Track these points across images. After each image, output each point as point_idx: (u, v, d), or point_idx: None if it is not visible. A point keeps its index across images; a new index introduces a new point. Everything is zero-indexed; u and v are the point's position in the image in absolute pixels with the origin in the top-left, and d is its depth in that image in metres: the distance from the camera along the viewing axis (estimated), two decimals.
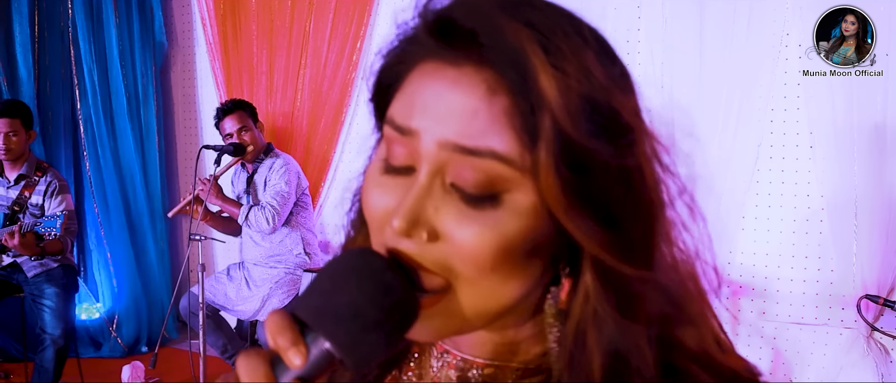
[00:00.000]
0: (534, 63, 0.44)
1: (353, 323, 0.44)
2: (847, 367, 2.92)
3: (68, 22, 4.35)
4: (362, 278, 0.46)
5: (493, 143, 0.45)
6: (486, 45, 0.45)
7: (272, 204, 3.20)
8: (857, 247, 2.84)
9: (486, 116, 0.45)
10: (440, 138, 0.46)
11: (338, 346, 0.44)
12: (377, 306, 0.45)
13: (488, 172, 0.46)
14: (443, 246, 0.47)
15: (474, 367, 0.56)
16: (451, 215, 0.47)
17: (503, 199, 0.46)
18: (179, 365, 4.14)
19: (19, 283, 3.33)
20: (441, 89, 0.47)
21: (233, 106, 3.34)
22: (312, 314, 0.45)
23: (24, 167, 3.30)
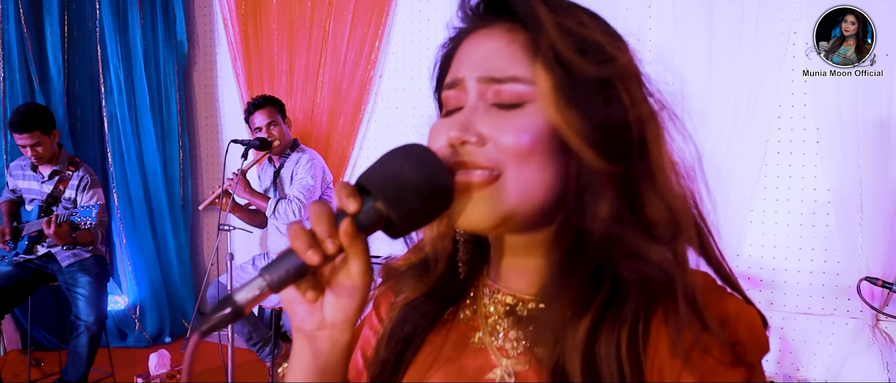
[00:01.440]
0: (542, 14, 0.62)
1: (397, 184, 0.58)
2: (853, 356, 2.98)
3: (96, 22, 4.48)
4: (407, 154, 0.60)
5: (516, 71, 0.63)
6: (511, 7, 0.64)
7: (299, 197, 3.31)
8: (862, 239, 2.89)
9: (507, 52, 0.63)
10: (478, 75, 0.64)
11: (384, 200, 0.58)
12: (417, 173, 0.59)
13: (514, 91, 0.63)
14: (490, 145, 0.62)
15: (521, 302, 0.68)
16: (493, 122, 0.62)
17: (527, 107, 0.62)
18: (203, 355, 4.25)
19: (53, 273, 3.45)
20: (477, 42, 0.66)
21: (263, 101, 3.44)
22: (367, 178, 0.59)
23: (57, 164, 3.42)
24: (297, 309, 0.62)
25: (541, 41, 0.61)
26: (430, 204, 0.59)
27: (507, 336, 0.68)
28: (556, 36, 0.61)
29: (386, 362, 0.72)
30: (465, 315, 0.73)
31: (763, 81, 3.06)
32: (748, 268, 3.23)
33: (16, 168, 3.53)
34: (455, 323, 0.73)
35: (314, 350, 0.63)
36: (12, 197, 3.53)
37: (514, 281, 0.69)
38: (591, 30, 0.63)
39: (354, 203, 0.57)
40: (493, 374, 0.68)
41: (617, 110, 0.61)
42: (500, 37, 0.64)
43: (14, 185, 3.51)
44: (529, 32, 0.62)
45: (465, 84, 0.64)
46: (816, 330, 3.11)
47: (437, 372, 0.70)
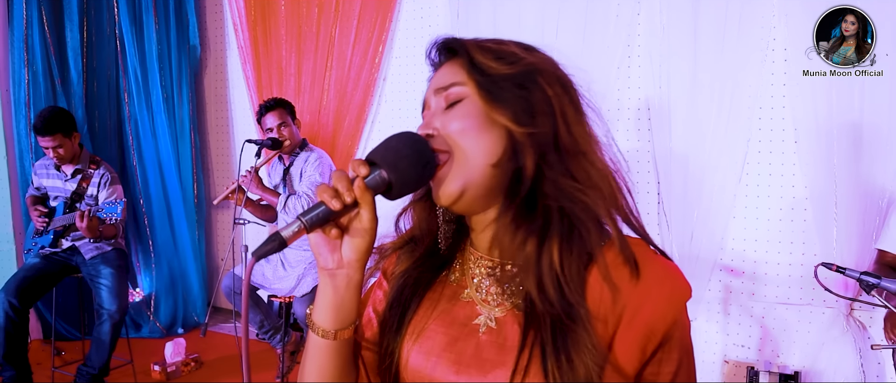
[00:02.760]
0: (469, 45, 0.89)
1: (394, 155, 0.82)
2: (829, 342, 3.13)
3: (114, 28, 4.66)
4: (402, 137, 0.84)
5: (454, 80, 0.88)
6: (452, 49, 0.91)
7: (307, 193, 3.47)
8: (837, 233, 3.02)
9: (448, 71, 0.90)
10: (433, 90, 0.91)
11: (387, 167, 0.82)
12: (410, 148, 0.83)
13: (457, 92, 0.88)
14: (442, 132, 0.86)
15: (498, 266, 0.91)
16: (443, 117, 0.87)
17: (463, 102, 0.87)
18: (215, 345, 4.45)
19: (77, 265, 3.63)
20: (434, 77, 0.93)
21: (274, 103, 3.58)
22: (373, 153, 0.83)
23: (79, 163, 3.60)
24: (322, 250, 0.84)
25: (466, 54, 0.88)
26: (419, 171, 0.84)
27: (489, 291, 0.90)
28: (478, 52, 0.87)
29: (394, 309, 0.95)
30: (455, 277, 0.95)
31: (744, 83, 3.17)
32: (731, 261, 3.35)
33: (40, 167, 3.71)
34: (448, 284, 0.95)
35: (334, 285, 0.85)
36: (37, 194, 3.72)
37: (491, 249, 0.92)
38: (507, 44, 0.89)
39: (365, 168, 0.81)
40: (479, 320, 0.89)
41: (534, 93, 0.84)
42: (448, 67, 0.91)
43: (39, 183, 3.70)
44: (462, 56, 0.89)
45: (429, 101, 0.91)
46: (795, 319, 3.23)
47: (434, 320, 0.92)
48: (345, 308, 0.86)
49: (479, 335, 0.87)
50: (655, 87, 3.39)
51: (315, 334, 0.87)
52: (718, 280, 3.41)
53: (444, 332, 0.90)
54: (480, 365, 0.84)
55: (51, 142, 3.42)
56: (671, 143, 3.36)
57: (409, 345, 0.90)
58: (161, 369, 3.91)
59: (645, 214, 3.36)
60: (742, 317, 3.38)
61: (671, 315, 0.80)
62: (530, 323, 0.81)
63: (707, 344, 3.47)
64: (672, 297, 0.81)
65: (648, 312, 0.79)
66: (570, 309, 0.79)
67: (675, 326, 0.81)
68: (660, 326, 0.80)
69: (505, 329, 0.86)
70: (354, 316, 0.88)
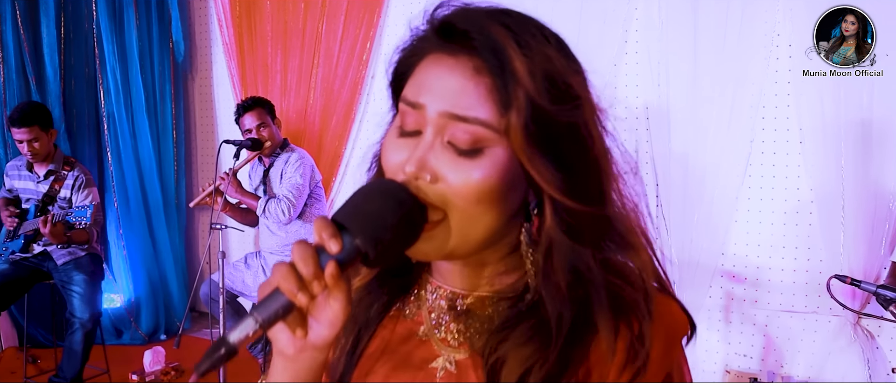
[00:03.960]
0: (509, 52, 0.62)
1: (375, 225, 0.62)
2: (835, 353, 3.02)
3: (92, 23, 4.52)
4: (385, 194, 0.63)
5: (479, 113, 0.63)
6: (475, 39, 0.63)
7: (288, 196, 3.35)
8: (844, 238, 2.92)
9: (474, 93, 0.63)
10: (440, 110, 0.64)
11: (363, 240, 0.62)
12: (393, 213, 0.62)
13: (475, 133, 0.63)
14: (441, 185, 0.64)
15: (460, 297, 0.74)
16: (448, 164, 0.64)
17: (485, 152, 0.64)
18: (197, 352, 4.29)
19: (49, 271, 3.50)
20: (441, 73, 0.65)
21: (252, 103, 3.48)
22: (347, 217, 0.63)
23: (52, 164, 3.46)
24: (281, 336, 0.65)
25: (514, 91, 0.61)
26: (405, 240, 0.64)
27: (449, 328, 0.74)
28: (530, 84, 0.61)
29: (343, 345, 0.78)
30: (410, 310, 0.78)
31: (747, 82, 3.09)
32: (733, 267, 3.27)
33: (12, 168, 3.57)
34: (401, 319, 0.78)
35: (295, 370, 0.67)
36: (8, 196, 3.58)
37: (452, 278, 0.75)
38: (558, 66, 0.64)
39: (336, 244, 0.61)
40: (436, 363, 0.73)
41: (581, 150, 0.64)
42: (467, 75, 0.63)
43: (10, 185, 3.56)
44: (497, 77, 0.62)
45: (425, 111, 0.65)
46: (799, 328, 3.14)
47: (385, 363, 0.76)
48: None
49: (436, 380, 0.73)
50: (654, 85, 3.30)
51: None
52: (720, 286, 3.32)
53: (396, 377, 0.74)
54: None
55: (27, 134, 3.29)
56: (670, 144, 3.27)
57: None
58: (139, 378, 3.80)
59: None
60: (744, 326, 3.28)
61: (668, 356, 0.68)
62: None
63: (707, 353, 3.36)
64: (668, 334, 0.68)
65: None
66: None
67: (671, 367, 0.68)
68: (655, 369, 0.66)
69: (466, 375, 0.71)
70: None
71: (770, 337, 3.22)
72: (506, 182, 0.64)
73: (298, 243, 0.61)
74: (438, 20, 0.67)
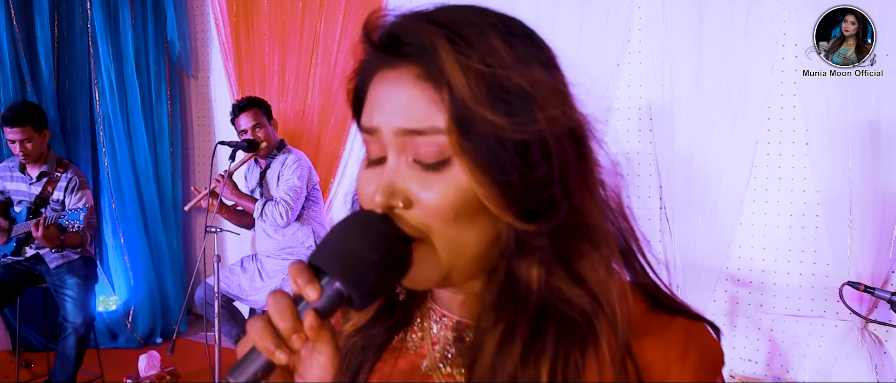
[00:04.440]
0: (440, 52, 0.55)
1: (356, 264, 0.55)
2: (842, 358, 2.98)
3: (87, 22, 4.46)
4: (362, 229, 0.57)
5: (433, 121, 0.57)
6: (408, 45, 0.57)
7: (285, 199, 3.29)
8: (851, 242, 2.88)
9: (422, 102, 0.57)
10: (394, 128, 0.58)
11: (345, 283, 0.55)
12: (375, 250, 0.56)
13: (438, 144, 0.57)
14: (416, 209, 0.59)
15: (467, 328, 0.67)
16: (417, 183, 0.58)
17: (453, 162, 0.57)
18: (193, 356, 4.25)
19: (42, 274, 3.44)
20: (387, 88, 0.59)
21: (248, 103, 3.42)
22: (324, 260, 0.56)
23: (45, 165, 3.40)
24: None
25: (450, 98, 0.55)
26: (391, 278, 0.58)
27: (455, 362, 0.67)
28: (463, 86, 0.55)
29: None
30: (412, 341, 0.71)
31: (753, 83, 3.05)
32: (738, 271, 3.23)
33: (4, 169, 3.51)
34: (403, 352, 0.71)
35: None
36: (0, 198, 3.52)
37: (459, 308, 0.68)
38: (505, 63, 0.56)
39: (314, 291, 0.54)
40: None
41: (538, 163, 0.57)
42: (411, 84, 0.58)
43: (2, 187, 3.50)
44: (434, 75, 0.56)
45: (381, 134, 0.60)
46: (806, 333, 3.11)
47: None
48: None
49: None
50: (657, 84, 3.27)
51: None
52: (724, 290, 3.27)
53: None
54: None
55: (20, 134, 3.24)
56: (674, 145, 3.23)
57: None
58: None
59: (646, 220, 3.21)
60: (749, 330, 3.24)
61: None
62: None
63: None
64: (700, 369, 0.60)
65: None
66: None
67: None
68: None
69: None
70: None
71: (776, 342, 3.18)
72: (473, 195, 0.58)
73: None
74: (375, 33, 0.61)
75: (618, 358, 0.57)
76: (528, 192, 0.57)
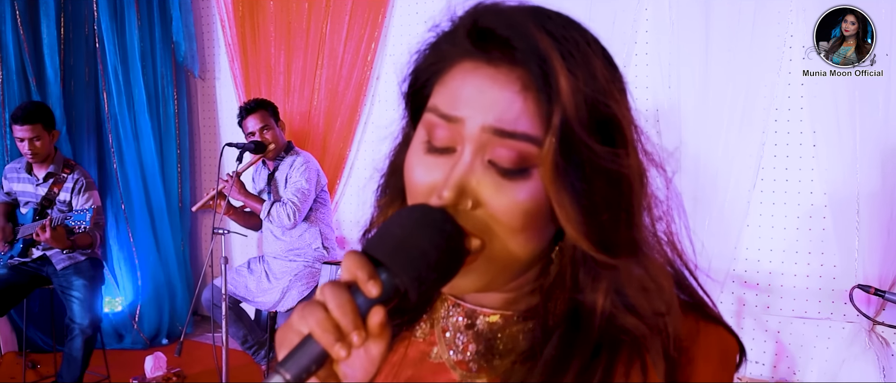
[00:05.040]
0: (555, 66, 0.54)
1: (418, 262, 0.54)
2: (849, 360, 2.97)
3: (93, 24, 4.47)
4: (427, 225, 0.55)
5: (526, 128, 0.56)
6: (519, 49, 0.56)
7: (293, 200, 3.30)
8: (858, 243, 2.88)
9: (520, 107, 0.56)
10: (483, 124, 0.56)
11: (405, 279, 0.54)
12: (438, 249, 0.54)
13: (521, 151, 0.56)
14: (482, 211, 0.57)
15: (481, 316, 0.67)
16: (490, 186, 0.57)
17: (532, 173, 0.57)
18: (199, 357, 4.26)
19: (48, 276, 3.45)
20: (482, 84, 0.57)
21: (255, 105, 3.43)
22: (387, 254, 0.54)
23: (51, 166, 3.42)
24: None
25: (555, 111, 0.55)
26: (447, 277, 0.57)
27: (466, 349, 0.67)
28: (572, 103, 0.54)
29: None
30: (422, 330, 0.71)
31: (759, 84, 3.05)
32: (744, 272, 3.22)
33: (10, 170, 3.52)
34: (412, 340, 0.71)
35: None
36: (7, 199, 3.53)
37: (473, 294, 0.67)
38: (603, 85, 0.56)
39: (376, 288, 0.52)
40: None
41: (614, 194, 0.57)
42: (515, 88, 0.56)
43: (8, 188, 3.51)
44: (541, 92, 0.55)
45: (464, 126, 0.57)
46: (813, 334, 3.11)
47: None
48: None
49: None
50: (664, 87, 3.27)
51: None
52: (731, 292, 3.27)
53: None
54: None
55: (29, 132, 3.26)
56: (681, 146, 3.20)
57: None
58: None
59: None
60: (756, 332, 3.24)
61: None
62: None
63: None
64: (723, 362, 0.63)
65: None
66: None
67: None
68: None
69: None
70: None
71: (783, 344, 3.18)
72: (547, 208, 0.58)
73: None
74: (472, 22, 0.59)
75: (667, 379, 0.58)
76: (605, 223, 0.57)
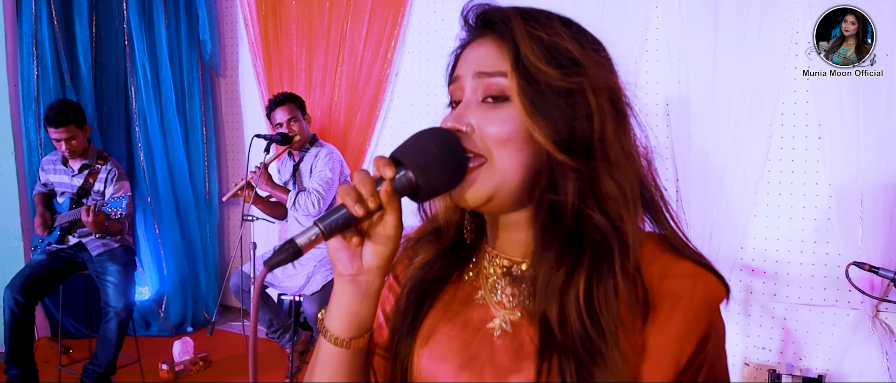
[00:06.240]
0: (513, 24, 0.76)
1: (426, 157, 0.73)
2: (853, 346, 3.04)
3: (123, 22, 4.63)
4: (433, 135, 0.76)
5: (498, 68, 0.77)
6: (494, 22, 0.79)
7: (318, 189, 3.43)
8: (862, 233, 2.95)
9: (494, 55, 0.78)
10: (472, 72, 0.79)
11: (415, 169, 0.73)
12: (441, 149, 0.74)
13: (501, 85, 0.77)
14: (477, 133, 0.77)
15: (515, 265, 0.83)
16: (482, 115, 0.78)
17: (511, 101, 0.76)
18: (225, 345, 4.41)
19: (84, 262, 3.59)
20: (472, 50, 0.81)
21: (284, 98, 3.55)
22: (400, 152, 0.75)
23: (86, 158, 3.57)
24: (341, 256, 0.77)
25: (518, 53, 0.75)
26: (450, 174, 0.75)
27: (505, 292, 0.83)
28: (527, 45, 0.74)
29: (406, 312, 0.87)
30: (468, 277, 0.88)
31: (766, 79, 3.11)
32: (752, 261, 3.29)
33: (47, 162, 3.68)
34: (461, 284, 0.88)
35: (352, 292, 0.78)
36: (44, 190, 3.69)
37: (509, 248, 0.84)
38: (562, 38, 0.76)
39: (391, 170, 0.73)
40: (493, 324, 0.82)
41: (580, 111, 0.75)
42: (490, 45, 0.78)
43: (46, 179, 3.67)
44: (508, 41, 0.76)
45: (462, 80, 0.80)
46: (818, 321, 3.16)
47: (446, 323, 0.85)
48: (361, 315, 0.79)
49: (493, 339, 0.81)
50: (674, 81, 3.33)
51: (327, 340, 0.80)
52: (739, 280, 3.34)
53: (456, 336, 0.83)
54: (495, 371, 0.78)
55: (64, 133, 3.39)
56: (690, 140, 3.30)
57: (420, 349, 0.84)
58: (169, 368, 3.88)
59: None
60: (763, 319, 3.31)
61: (704, 319, 0.74)
62: (547, 344, 0.74)
63: (727, 346, 3.37)
64: (705, 300, 0.75)
65: (679, 318, 0.73)
66: (591, 342, 0.72)
67: (709, 332, 0.75)
68: (693, 333, 0.73)
69: (521, 333, 0.80)
70: (370, 323, 0.81)
71: (789, 330, 3.24)
72: (524, 127, 0.75)
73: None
74: (469, 16, 0.82)
75: (629, 275, 0.73)
76: (569, 131, 0.74)
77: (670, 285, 0.74)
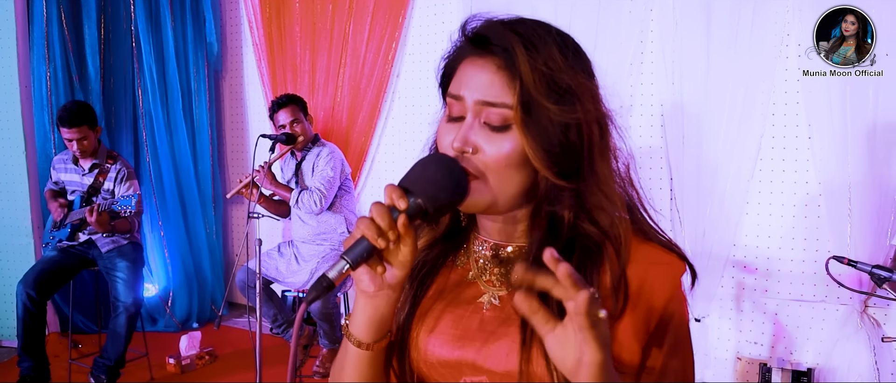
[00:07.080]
0: (517, 53, 0.82)
1: (432, 187, 0.83)
2: (842, 340, 3.11)
3: (131, 24, 4.71)
4: (439, 163, 0.85)
5: (502, 99, 0.84)
6: (496, 45, 0.85)
7: (320, 188, 3.52)
8: (851, 230, 3.01)
9: (499, 84, 0.84)
10: (476, 99, 0.86)
11: (425, 198, 0.82)
12: (446, 177, 0.84)
13: (502, 114, 0.85)
14: (479, 155, 0.86)
15: (502, 248, 0.96)
16: (484, 138, 0.86)
17: (512, 128, 0.85)
18: (230, 340, 4.50)
19: (94, 258, 3.69)
20: (474, 71, 0.87)
21: (287, 100, 3.64)
22: (410, 183, 0.84)
23: (96, 158, 3.66)
24: (364, 277, 0.86)
25: (517, 85, 0.82)
26: (455, 199, 0.85)
27: (493, 272, 0.95)
28: (530, 80, 0.81)
29: (408, 292, 0.98)
30: (461, 261, 0.99)
31: (758, 80, 3.17)
32: (744, 257, 3.35)
33: (58, 161, 3.77)
34: (454, 268, 0.99)
35: (375, 305, 0.88)
36: (55, 188, 3.78)
37: (497, 234, 0.96)
38: (560, 68, 0.83)
39: (404, 202, 0.82)
40: (483, 299, 0.94)
41: (573, 137, 0.84)
42: (492, 71, 0.85)
43: (57, 178, 3.76)
44: (510, 68, 0.83)
45: (465, 101, 0.87)
46: (808, 316, 3.22)
47: (441, 301, 0.96)
48: (383, 321, 0.89)
49: (483, 311, 0.92)
50: (668, 83, 3.39)
51: (353, 345, 0.90)
52: (731, 276, 3.41)
53: (450, 312, 0.94)
54: (484, 336, 0.89)
55: (76, 133, 3.48)
56: (684, 140, 3.37)
57: (418, 325, 0.95)
58: (176, 362, 3.96)
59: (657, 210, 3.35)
60: (755, 314, 3.37)
61: (667, 291, 0.87)
62: None
63: (719, 340, 3.46)
64: (668, 274, 0.88)
65: (647, 292, 0.86)
66: None
67: (671, 302, 0.87)
68: (658, 303, 0.86)
69: (507, 306, 0.91)
70: (389, 325, 0.91)
71: (780, 325, 3.30)
72: (523, 154, 0.85)
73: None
74: (470, 31, 0.88)
75: (617, 275, 0.85)
76: (565, 159, 0.84)
77: (635, 270, 0.86)
